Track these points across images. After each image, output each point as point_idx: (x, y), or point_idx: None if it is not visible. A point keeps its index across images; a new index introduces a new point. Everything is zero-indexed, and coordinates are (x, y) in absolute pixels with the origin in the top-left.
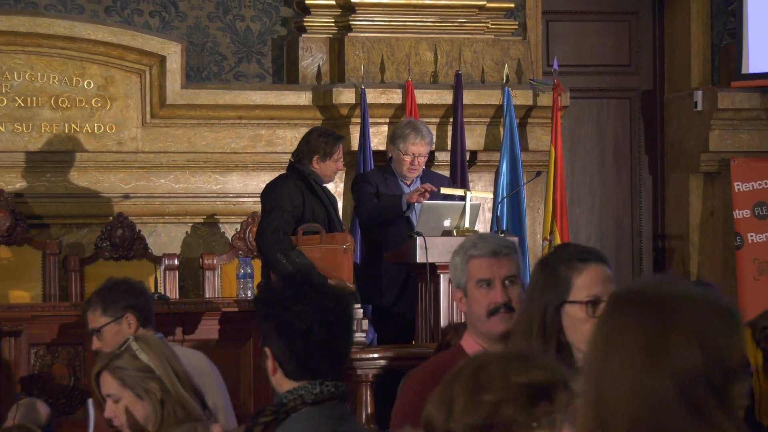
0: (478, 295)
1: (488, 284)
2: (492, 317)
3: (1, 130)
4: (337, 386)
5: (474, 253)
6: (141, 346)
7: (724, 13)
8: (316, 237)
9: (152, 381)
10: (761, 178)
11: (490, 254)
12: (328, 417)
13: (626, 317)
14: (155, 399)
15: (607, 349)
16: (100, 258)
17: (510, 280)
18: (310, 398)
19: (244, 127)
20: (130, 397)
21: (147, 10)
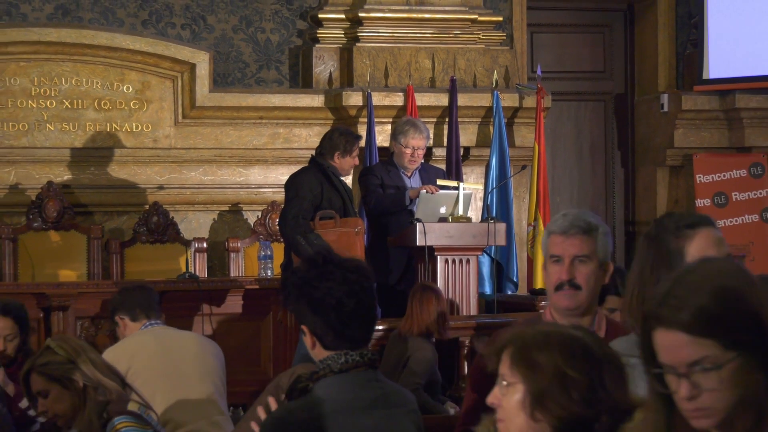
0: (550, 270)
1: (558, 261)
2: (558, 292)
3: (50, 128)
4: (362, 354)
5: (552, 229)
6: (58, 343)
7: (688, 25)
8: (331, 222)
9: (74, 371)
10: (720, 171)
11: (561, 231)
12: (351, 383)
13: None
14: (79, 386)
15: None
16: (137, 242)
17: (580, 260)
18: (337, 367)
19: (265, 126)
20: (57, 389)
21: (179, 23)
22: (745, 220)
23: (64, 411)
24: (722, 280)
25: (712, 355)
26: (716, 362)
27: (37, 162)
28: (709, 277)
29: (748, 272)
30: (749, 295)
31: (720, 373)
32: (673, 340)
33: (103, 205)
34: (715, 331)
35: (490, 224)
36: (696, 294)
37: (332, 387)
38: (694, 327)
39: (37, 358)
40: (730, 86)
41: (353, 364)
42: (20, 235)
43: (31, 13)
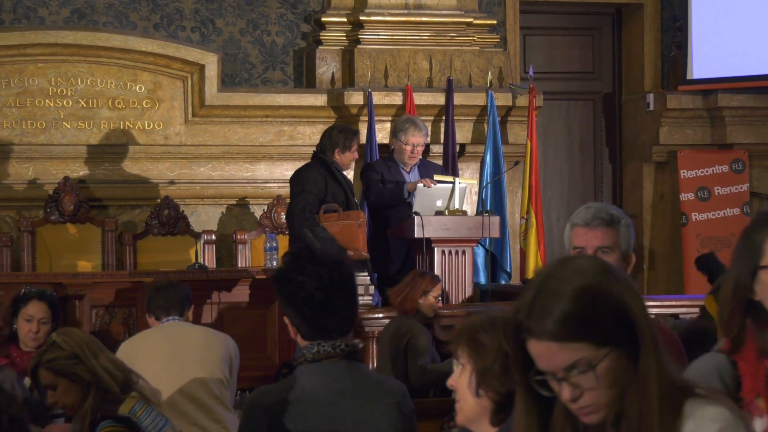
0: None
1: (582, 252)
2: None
3: (67, 126)
4: (334, 346)
5: (575, 221)
6: (62, 338)
7: (672, 28)
8: (335, 215)
9: (78, 366)
10: (703, 166)
11: (583, 224)
12: (321, 373)
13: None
14: (84, 381)
15: None
16: (149, 234)
17: (603, 251)
18: (310, 356)
19: (270, 124)
20: (64, 383)
21: (189, 26)
22: (726, 213)
23: (72, 403)
24: (581, 281)
25: (585, 356)
26: (590, 363)
27: (55, 158)
28: (568, 279)
29: (607, 265)
30: (610, 290)
31: (596, 371)
32: (545, 350)
33: (117, 199)
34: (583, 333)
35: (485, 217)
36: (557, 300)
37: (304, 375)
38: (562, 334)
39: (44, 353)
40: (713, 86)
41: (325, 355)
42: (38, 227)
43: (48, 16)
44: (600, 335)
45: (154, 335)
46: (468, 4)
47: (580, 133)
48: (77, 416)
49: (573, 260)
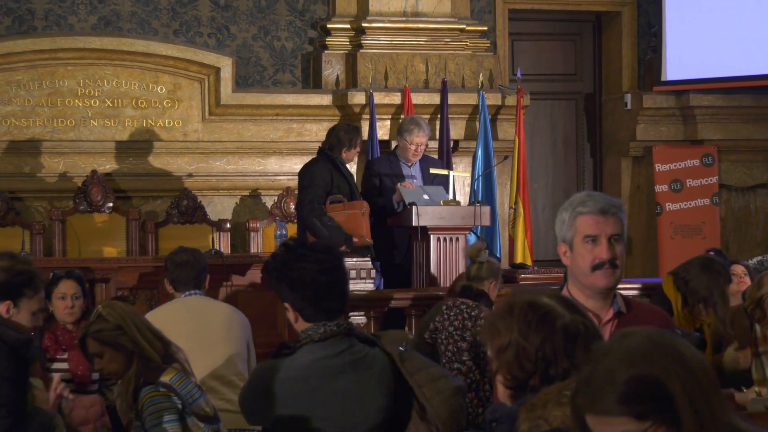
0: (584, 251)
1: (594, 240)
2: (596, 272)
3: (94, 124)
4: (338, 325)
5: (582, 210)
6: (107, 311)
7: (648, 34)
8: (340, 205)
9: (123, 336)
10: (676, 161)
11: (598, 212)
12: (326, 350)
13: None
14: (128, 350)
15: None
16: (170, 222)
17: (615, 239)
18: (317, 336)
19: (280, 121)
20: (110, 352)
21: (206, 32)
22: (697, 203)
23: (117, 370)
24: (633, 371)
25: (630, 429)
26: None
27: (83, 153)
28: (621, 363)
29: (663, 344)
30: (658, 378)
31: None
32: (595, 422)
33: (140, 190)
34: (627, 410)
35: (477, 207)
36: (609, 384)
37: (309, 353)
38: (608, 411)
39: (91, 324)
40: (685, 87)
41: (330, 334)
42: (68, 217)
43: (77, 23)
44: (641, 412)
45: (179, 313)
46: (461, 11)
47: (563, 130)
48: (122, 382)
49: (630, 338)
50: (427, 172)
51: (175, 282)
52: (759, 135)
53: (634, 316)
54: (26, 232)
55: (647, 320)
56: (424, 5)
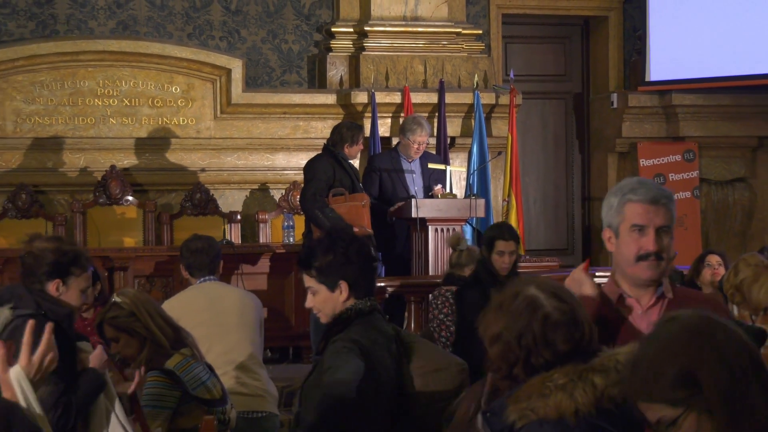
0: (630, 239)
1: (641, 230)
2: (641, 262)
3: (113, 122)
4: (373, 301)
5: (632, 198)
6: (122, 298)
7: (633, 37)
8: (342, 197)
9: (136, 322)
10: (659, 156)
11: (648, 201)
12: (374, 321)
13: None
14: (142, 335)
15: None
16: (184, 214)
17: (663, 230)
18: (366, 309)
19: (287, 119)
20: (125, 337)
21: (218, 35)
22: (679, 196)
23: (131, 354)
24: (668, 361)
25: (666, 414)
26: (671, 419)
27: (102, 149)
28: (659, 354)
29: (708, 335)
30: (690, 365)
31: (680, 427)
32: (641, 408)
33: (156, 184)
34: (662, 398)
35: (472, 200)
36: (647, 375)
37: (365, 324)
38: (647, 398)
39: (107, 311)
40: (668, 87)
41: (373, 308)
42: (88, 209)
43: (97, 27)
44: (674, 400)
45: (196, 302)
46: (457, 16)
47: (553, 128)
48: (133, 366)
49: (669, 324)
50: (426, 167)
51: (191, 268)
52: (737, 132)
53: (682, 303)
54: (49, 224)
55: (698, 305)
56: (423, 10)
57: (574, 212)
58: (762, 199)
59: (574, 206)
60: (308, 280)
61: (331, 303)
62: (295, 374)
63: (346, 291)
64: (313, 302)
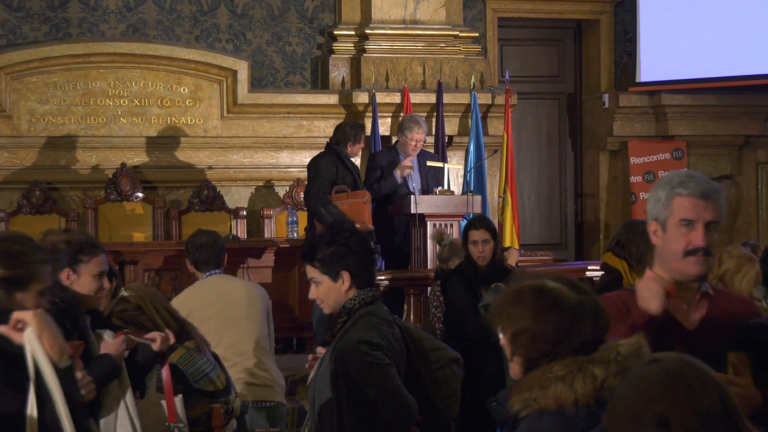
0: (678, 234)
1: (690, 225)
2: (688, 257)
3: (123, 121)
4: (374, 291)
5: (682, 192)
6: (130, 293)
7: (623, 40)
8: (344, 194)
9: (142, 315)
10: (649, 154)
11: (698, 195)
12: (377, 310)
13: None
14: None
15: None
16: (192, 210)
17: (712, 225)
18: (368, 299)
19: (291, 119)
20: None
21: (224, 38)
22: None
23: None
24: (654, 406)
25: None
26: None
27: (113, 148)
28: (639, 394)
29: (682, 382)
30: (663, 408)
31: None
32: None
33: (165, 181)
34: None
35: (469, 196)
36: (625, 412)
37: (370, 314)
38: (621, 430)
39: (116, 305)
40: (657, 87)
41: (375, 297)
42: (100, 205)
43: (108, 31)
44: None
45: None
46: (455, 19)
47: (547, 127)
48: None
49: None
50: (424, 164)
51: (197, 262)
52: (724, 131)
53: (722, 301)
54: (62, 219)
55: (735, 305)
56: (422, 14)
57: (567, 208)
58: (747, 195)
59: (567, 202)
60: (311, 271)
61: (334, 293)
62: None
63: (348, 281)
64: (316, 293)
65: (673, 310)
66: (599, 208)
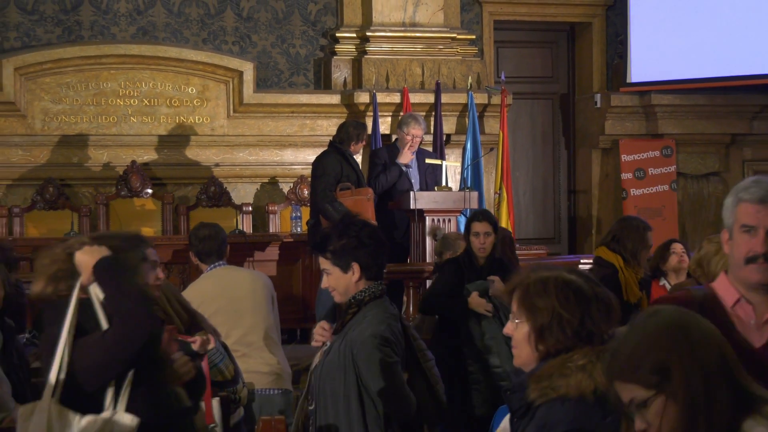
0: (740, 240)
1: (751, 231)
2: (749, 265)
3: (134, 121)
4: (383, 285)
5: (744, 197)
6: None
7: (615, 42)
8: (349, 192)
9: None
10: (639, 152)
11: (758, 200)
12: (384, 304)
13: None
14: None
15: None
16: (199, 206)
17: None
18: (378, 293)
19: (295, 118)
20: None
21: (230, 40)
22: (658, 189)
23: None
24: (648, 351)
25: (638, 395)
26: (641, 399)
27: (124, 146)
28: (641, 343)
29: (684, 333)
30: (665, 357)
31: (647, 410)
32: (617, 386)
33: (174, 178)
34: (637, 380)
35: (466, 192)
36: (627, 359)
37: (377, 307)
38: (624, 379)
39: None
40: (647, 88)
41: (383, 291)
42: (111, 201)
43: (119, 33)
44: (647, 384)
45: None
46: (452, 22)
47: (541, 126)
48: None
49: (653, 318)
50: (423, 161)
51: (201, 254)
52: (712, 129)
53: None
54: (75, 215)
55: None
56: (421, 17)
57: (560, 204)
58: None
59: (561, 198)
60: (324, 262)
61: (344, 283)
62: (304, 354)
63: (358, 272)
64: (328, 282)
65: (742, 326)
66: (591, 204)
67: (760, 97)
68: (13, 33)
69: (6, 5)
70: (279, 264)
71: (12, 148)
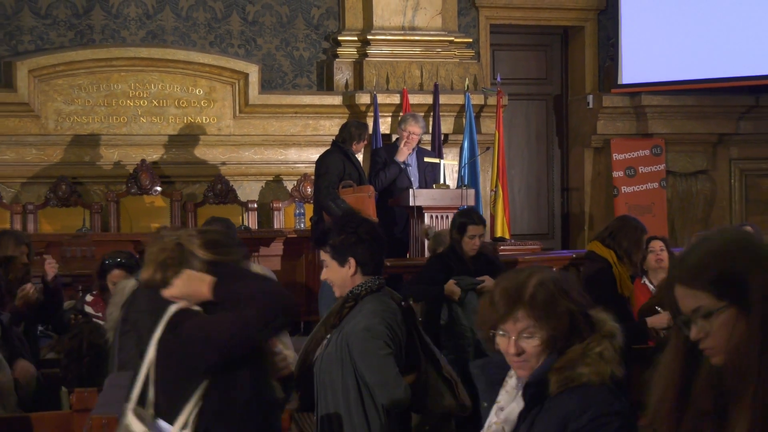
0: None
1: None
2: None
3: (143, 121)
4: (381, 279)
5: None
6: None
7: (607, 45)
8: (350, 189)
9: None
10: (630, 151)
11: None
12: (382, 298)
13: None
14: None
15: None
16: (206, 203)
17: None
18: (375, 287)
19: (299, 118)
20: None
21: (236, 43)
22: (648, 187)
23: None
24: (724, 262)
25: (705, 304)
26: (709, 311)
27: (134, 145)
28: (717, 254)
29: (751, 245)
30: (743, 269)
31: (712, 319)
32: (683, 292)
33: (182, 176)
34: (711, 289)
35: (463, 190)
36: (703, 267)
37: (374, 301)
38: (696, 286)
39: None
40: (638, 89)
41: (381, 285)
42: (121, 198)
43: (128, 36)
44: (718, 290)
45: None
46: (450, 26)
47: (536, 126)
48: None
49: (725, 233)
50: (422, 160)
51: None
52: (700, 129)
53: None
54: (86, 211)
55: None
56: (420, 21)
57: (554, 201)
58: (722, 189)
59: (554, 196)
60: (323, 255)
61: (341, 277)
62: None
63: (354, 267)
64: (326, 274)
65: None
66: (584, 201)
67: (747, 98)
68: (27, 36)
69: (20, 10)
70: (283, 259)
71: (26, 148)
